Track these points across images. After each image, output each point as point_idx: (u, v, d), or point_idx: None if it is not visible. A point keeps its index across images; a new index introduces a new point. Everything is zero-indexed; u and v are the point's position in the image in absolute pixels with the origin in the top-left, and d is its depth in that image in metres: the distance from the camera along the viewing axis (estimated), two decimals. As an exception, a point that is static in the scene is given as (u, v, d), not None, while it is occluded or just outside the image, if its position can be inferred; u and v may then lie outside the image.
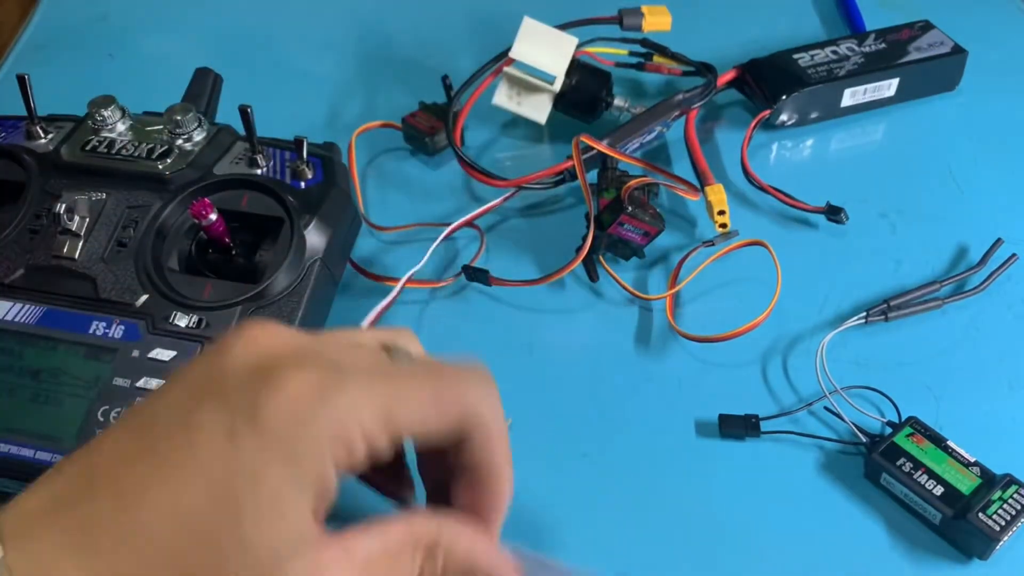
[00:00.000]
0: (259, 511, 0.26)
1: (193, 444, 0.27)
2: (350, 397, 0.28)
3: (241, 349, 0.29)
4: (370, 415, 0.28)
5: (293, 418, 0.27)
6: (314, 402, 0.27)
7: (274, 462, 0.26)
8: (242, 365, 0.28)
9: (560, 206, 0.60)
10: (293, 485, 0.26)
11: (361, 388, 0.28)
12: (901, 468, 0.43)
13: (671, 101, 0.59)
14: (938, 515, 0.42)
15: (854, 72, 0.63)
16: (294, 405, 0.27)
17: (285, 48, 0.75)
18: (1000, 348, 0.51)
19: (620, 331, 0.53)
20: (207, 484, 0.26)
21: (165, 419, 0.28)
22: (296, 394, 0.27)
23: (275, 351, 0.29)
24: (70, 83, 0.70)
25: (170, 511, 0.26)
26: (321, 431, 0.27)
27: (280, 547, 0.26)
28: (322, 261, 0.47)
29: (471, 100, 0.61)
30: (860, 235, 0.57)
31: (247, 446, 0.26)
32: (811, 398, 0.48)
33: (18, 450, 0.42)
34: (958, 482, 0.43)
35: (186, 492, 0.26)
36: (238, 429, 0.26)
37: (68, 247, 0.47)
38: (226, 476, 0.26)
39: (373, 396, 0.28)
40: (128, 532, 0.26)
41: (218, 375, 0.28)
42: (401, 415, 0.28)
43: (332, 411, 0.27)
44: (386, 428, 0.28)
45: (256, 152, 0.50)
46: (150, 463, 0.27)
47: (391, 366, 0.32)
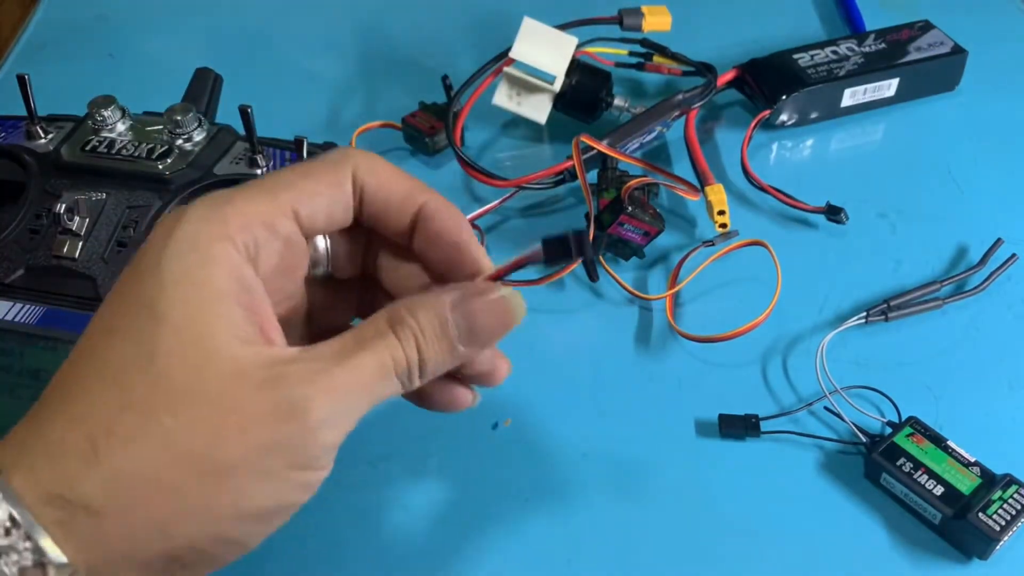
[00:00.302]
0: (164, 287, 0.27)
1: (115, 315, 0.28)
2: (220, 192, 0.29)
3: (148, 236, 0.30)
4: (250, 196, 0.28)
5: (174, 221, 0.28)
6: (189, 206, 0.28)
7: (166, 253, 0.27)
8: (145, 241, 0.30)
9: (560, 206, 0.60)
10: (191, 263, 0.27)
11: (232, 188, 0.29)
12: (901, 468, 0.43)
13: (671, 101, 0.59)
14: (938, 515, 0.42)
15: (854, 72, 0.63)
16: (173, 216, 0.28)
17: (285, 48, 0.75)
18: (1000, 348, 0.51)
19: (620, 331, 0.53)
20: (125, 335, 0.27)
21: (96, 318, 0.29)
22: (174, 212, 0.28)
23: None
24: (70, 83, 0.70)
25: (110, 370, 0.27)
26: (197, 215, 0.28)
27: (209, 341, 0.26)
28: (322, 261, 0.47)
29: (471, 100, 0.61)
30: (860, 235, 0.57)
31: (146, 259, 0.27)
32: (811, 398, 0.48)
33: (18, 450, 0.42)
34: (958, 482, 0.43)
35: (114, 352, 0.27)
36: (138, 256, 0.28)
37: (68, 247, 0.47)
38: (136, 282, 0.27)
39: (248, 186, 0.29)
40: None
41: (130, 262, 0.29)
42: (283, 192, 0.29)
43: (202, 202, 0.28)
44: (277, 206, 0.29)
45: (256, 152, 0.50)
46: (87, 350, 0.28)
47: (270, 173, 0.33)
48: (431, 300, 0.29)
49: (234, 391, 0.26)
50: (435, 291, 0.30)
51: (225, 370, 0.26)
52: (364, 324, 0.29)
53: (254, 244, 0.28)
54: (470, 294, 0.30)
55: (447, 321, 0.29)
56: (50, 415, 0.27)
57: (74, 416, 0.26)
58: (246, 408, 0.26)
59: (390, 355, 0.28)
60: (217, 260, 0.27)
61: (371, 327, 0.29)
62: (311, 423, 0.26)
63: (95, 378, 0.27)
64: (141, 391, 0.26)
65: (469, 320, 0.30)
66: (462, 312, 0.29)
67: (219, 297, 0.27)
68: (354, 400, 0.28)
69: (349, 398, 0.27)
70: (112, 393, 0.26)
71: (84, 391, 0.26)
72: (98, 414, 0.26)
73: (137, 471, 0.26)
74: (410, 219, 0.32)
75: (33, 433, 0.27)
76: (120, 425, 0.26)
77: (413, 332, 0.29)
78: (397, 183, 0.31)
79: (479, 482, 0.46)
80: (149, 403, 0.26)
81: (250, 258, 0.28)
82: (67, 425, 0.26)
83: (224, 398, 0.26)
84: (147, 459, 0.26)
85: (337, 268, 0.34)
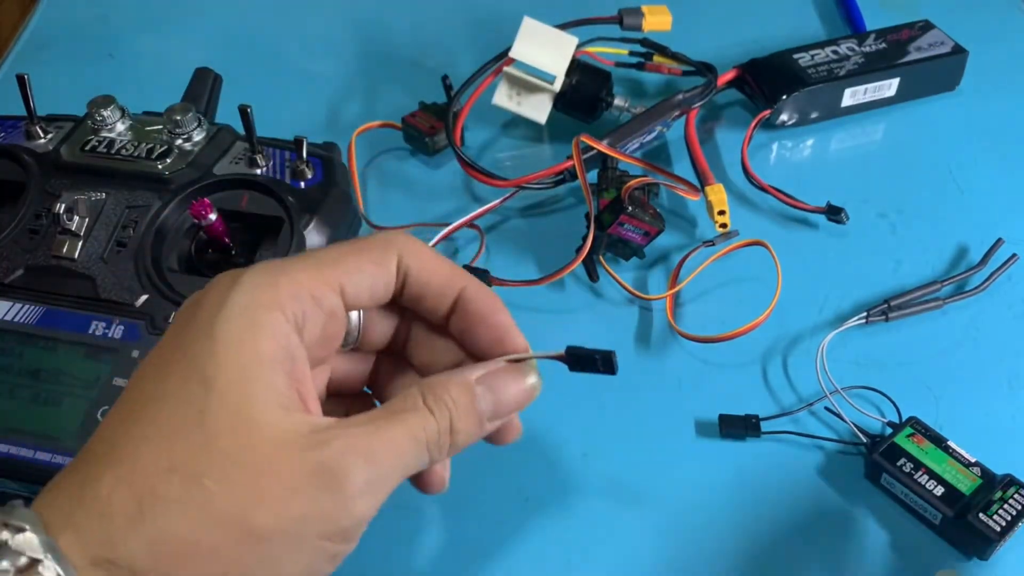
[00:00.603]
0: (214, 352, 0.28)
1: (163, 375, 0.28)
2: (273, 262, 0.30)
3: (194, 295, 0.31)
4: (301, 268, 0.30)
5: (227, 287, 0.29)
6: (240, 272, 0.29)
7: (219, 318, 0.28)
8: (191, 300, 0.31)
9: (560, 206, 0.60)
10: (241, 328, 0.28)
11: (283, 259, 0.31)
12: (901, 468, 0.43)
13: (671, 101, 0.59)
14: (938, 515, 0.42)
15: (854, 72, 0.63)
16: (224, 281, 0.29)
17: (285, 48, 0.75)
18: (1000, 348, 0.51)
19: (620, 331, 0.53)
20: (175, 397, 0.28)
21: (143, 373, 0.29)
22: (224, 277, 0.30)
23: None
24: (70, 83, 0.70)
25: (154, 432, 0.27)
26: (250, 283, 0.29)
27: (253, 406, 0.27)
28: (322, 261, 0.47)
29: (471, 100, 0.61)
30: (860, 235, 0.57)
31: (199, 324, 0.28)
32: (811, 398, 0.48)
33: (18, 450, 0.42)
34: (958, 482, 0.43)
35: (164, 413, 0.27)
36: (188, 320, 0.29)
37: (68, 247, 0.47)
38: (188, 348, 0.28)
39: (300, 259, 0.30)
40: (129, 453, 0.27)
41: (177, 319, 0.30)
42: (332, 267, 0.30)
43: (255, 270, 0.29)
44: (325, 280, 0.30)
45: (256, 152, 0.50)
46: (132, 410, 0.28)
47: (319, 247, 0.34)
48: (461, 377, 0.31)
49: (275, 458, 0.27)
50: (463, 369, 0.32)
51: (267, 437, 0.27)
52: (398, 398, 0.30)
53: (302, 314, 0.29)
54: (495, 371, 0.32)
55: (476, 396, 0.31)
56: (98, 473, 0.27)
57: (122, 476, 0.27)
58: (285, 476, 0.27)
59: (423, 428, 0.30)
60: (267, 328, 0.28)
61: (405, 401, 0.30)
62: (349, 492, 0.27)
63: (143, 439, 0.27)
64: (187, 454, 0.27)
65: (495, 394, 0.32)
66: (488, 387, 0.32)
67: (265, 364, 0.28)
68: (389, 470, 0.29)
69: (385, 468, 0.28)
70: (159, 455, 0.27)
71: (133, 452, 0.27)
72: (145, 475, 0.26)
73: (179, 534, 0.26)
74: (450, 302, 0.33)
75: (80, 490, 0.27)
76: (165, 487, 0.26)
77: (447, 406, 0.30)
78: (439, 268, 0.33)
79: (478, 482, 0.46)
80: (194, 466, 0.26)
81: (297, 327, 0.29)
82: (115, 484, 0.26)
83: (265, 465, 0.27)
84: (189, 522, 0.26)
85: (367, 341, 0.35)
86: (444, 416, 0.30)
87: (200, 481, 0.26)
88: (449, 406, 0.30)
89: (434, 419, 0.30)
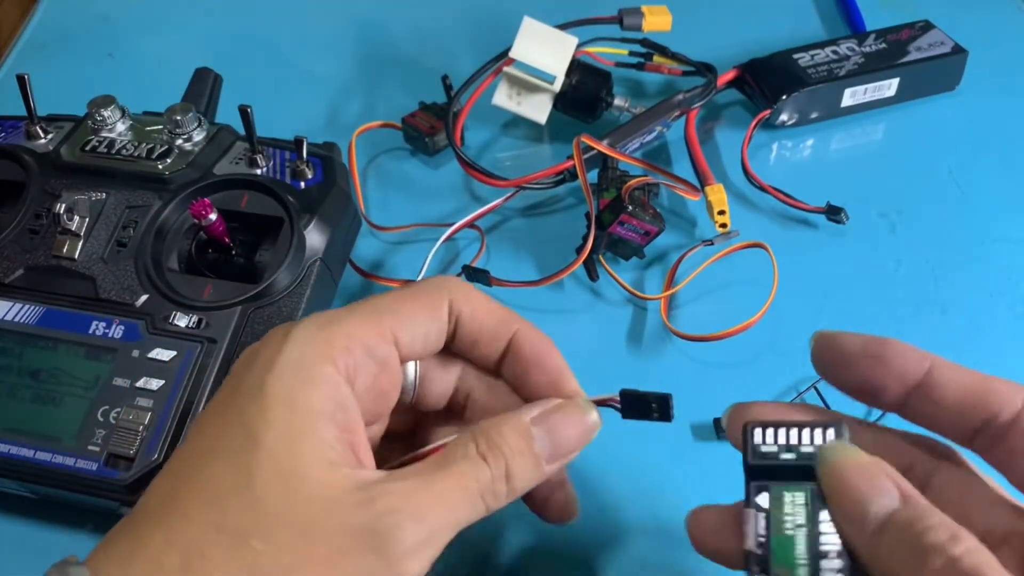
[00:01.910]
0: (265, 409, 0.28)
1: (217, 429, 0.29)
2: (324, 314, 0.30)
3: (250, 348, 0.31)
4: (353, 320, 0.30)
5: (279, 343, 0.29)
6: (292, 326, 0.30)
7: (270, 376, 0.28)
8: (247, 353, 0.31)
9: (560, 206, 0.60)
10: (292, 385, 0.28)
11: (335, 310, 0.31)
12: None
13: (671, 101, 0.59)
14: None
15: (854, 72, 0.63)
16: (276, 336, 0.30)
17: (285, 48, 0.75)
18: (1000, 348, 0.51)
19: (620, 331, 0.53)
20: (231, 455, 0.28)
21: (200, 427, 0.30)
22: (277, 331, 0.30)
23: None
24: (70, 83, 0.70)
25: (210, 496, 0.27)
26: (302, 337, 0.29)
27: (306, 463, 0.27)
28: (322, 261, 0.47)
29: (471, 100, 0.61)
30: (860, 235, 0.57)
31: (250, 380, 0.29)
32: (810, 396, 0.48)
33: (18, 450, 0.42)
34: None
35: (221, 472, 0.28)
36: (241, 375, 0.29)
37: (68, 247, 0.47)
38: (240, 405, 0.28)
39: (352, 309, 0.30)
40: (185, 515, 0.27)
41: (232, 374, 0.31)
42: (386, 317, 0.30)
43: (307, 323, 0.30)
44: (379, 330, 0.30)
45: (256, 152, 0.50)
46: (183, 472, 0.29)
47: (371, 297, 0.33)
48: (515, 419, 0.31)
49: (322, 519, 0.27)
50: (517, 410, 0.31)
51: (315, 496, 0.27)
52: (451, 447, 0.30)
53: (354, 365, 0.29)
54: (551, 410, 0.31)
55: (532, 438, 0.30)
56: (149, 531, 0.27)
57: (171, 537, 0.27)
58: (333, 538, 0.27)
59: (476, 478, 0.29)
60: (318, 381, 0.28)
61: (456, 449, 0.30)
62: (397, 553, 0.27)
63: (193, 499, 0.27)
64: (235, 514, 0.27)
65: (552, 434, 0.31)
66: (545, 427, 0.31)
67: (315, 418, 0.28)
68: (440, 526, 0.28)
69: (436, 525, 0.28)
70: (208, 515, 0.27)
71: (183, 512, 0.27)
72: (193, 535, 0.27)
73: None
74: (503, 345, 0.33)
75: (132, 548, 0.27)
76: (213, 548, 0.26)
77: (502, 451, 0.30)
78: (491, 311, 0.33)
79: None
80: (242, 527, 0.26)
81: (349, 378, 0.29)
82: (164, 545, 0.27)
83: (312, 526, 0.27)
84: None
85: (425, 402, 0.35)
86: (499, 464, 0.29)
87: (247, 542, 0.26)
88: (504, 451, 0.30)
89: (488, 468, 0.29)
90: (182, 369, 0.43)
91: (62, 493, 0.42)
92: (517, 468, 0.30)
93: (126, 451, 0.41)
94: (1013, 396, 0.28)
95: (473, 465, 0.29)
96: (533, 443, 0.30)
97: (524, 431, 0.30)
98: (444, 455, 0.29)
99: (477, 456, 0.29)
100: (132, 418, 0.42)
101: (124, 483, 0.40)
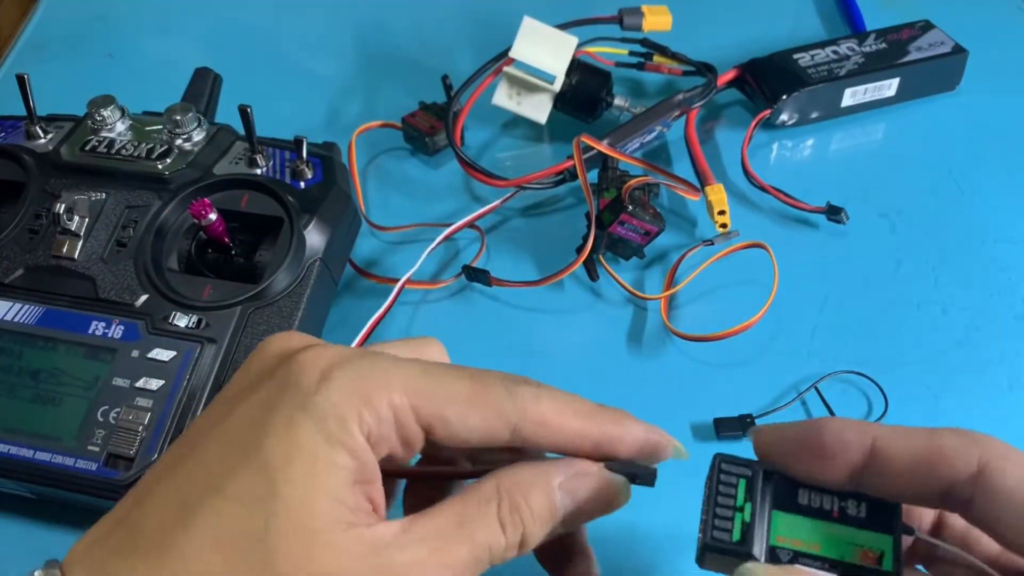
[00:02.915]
0: (290, 460, 0.26)
1: (225, 443, 0.27)
2: (376, 364, 0.27)
3: (263, 352, 0.29)
4: (399, 387, 0.27)
5: (315, 381, 0.27)
6: (335, 363, 0.27)
7: (301, 416, 0.26)
8: (269, 360, 0.29)
9: (560, 206, 0.60)
10: (321, 438, 0.26)
11: (391, 363, 0.28)
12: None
13: (671, 101, 0.59)
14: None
15: (854, 72, 0.63)
16: (314, 371, 0.27)
17: (285, 48, 0.75)
18: (1000, 348, 0.51)
19: (620, 331, 0.53)
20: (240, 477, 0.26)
21: (195, 433, 0.28)
22: (317, 361, 0.27)
23: (296, 344, 0.29)
24: (70, 83, 0.70)
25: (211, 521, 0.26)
26: (344, 387, 0.27)
27: (318, 515, 0.26)
28: (322, 261, 0.47)
29: (471, 100, 0.61)
30: (860, 235, 0.57)
31: (279, 413, 0.27)
32: (810, 395, 0.48)
33: (18, 450, 0.42)
34: None
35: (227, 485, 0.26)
36: (272, 403, 0.27)
37: (68, 247, 0.47)
38: (260, 440, 0.26)
39: (404, 373, 0.28)
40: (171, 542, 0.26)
41: (243, 381, 0.29)
42: (435, 399, 0.28)
43: (354, 369, 0.27)
44: (418, 411, 0.27)
45: (256, 152, 0.50)
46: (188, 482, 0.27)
47: (434, 364, 0.30)
48: (542, 480, 0.29)
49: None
50: (542, 467, 0.29)
51: (328, 561, 0.26)
52: (470, 498, 0.28)
53: (378, 436, 0.28)
54: (580, 473, 0.29)
55: (557, 507, 0.29)
56: (140, 567, 0.26)
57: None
58: None
59: (490, 547, 0.28)
60: (348, 436, 0.27)
61: (478, 508, 0.28)
62: None
63: (196, 538, 0.26)
64: (243, 568, 0.25)
65: (577, 503, 0.29)
66: (569, 491, 0.29)
67: (339, 474, 0.26)
68: None
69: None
70: (211, 563, 0.25)
71: (180, 551, 0.26)
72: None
73: None
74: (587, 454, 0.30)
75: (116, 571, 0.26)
76: None
77: (522, 518, 0.28)
78: (565, 428, 0.29)
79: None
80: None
81: (371, 441, 0.27)
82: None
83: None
84: None
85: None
86: (517, 532, 0.28)
87: None
88: (525, 518, 0.28)
89: (504, 536, 0.28)
90: (182, 369, 0.43)
91: (62, 493, 0.42)
92: (533, 535, 0.28)
93: (126, 451, 0.41)
94: (965, 452, 0.26)
95: (490, 532, 0.28)
96: (557, 511, 0.29)
97: (550, 498, 0.29)
98: (462, 509, 0.28)
99: (496, 521, 0.28)
100: (132, 418, 0.42)
101: (124, 483, 0.40)
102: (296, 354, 0.28)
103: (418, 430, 0.28)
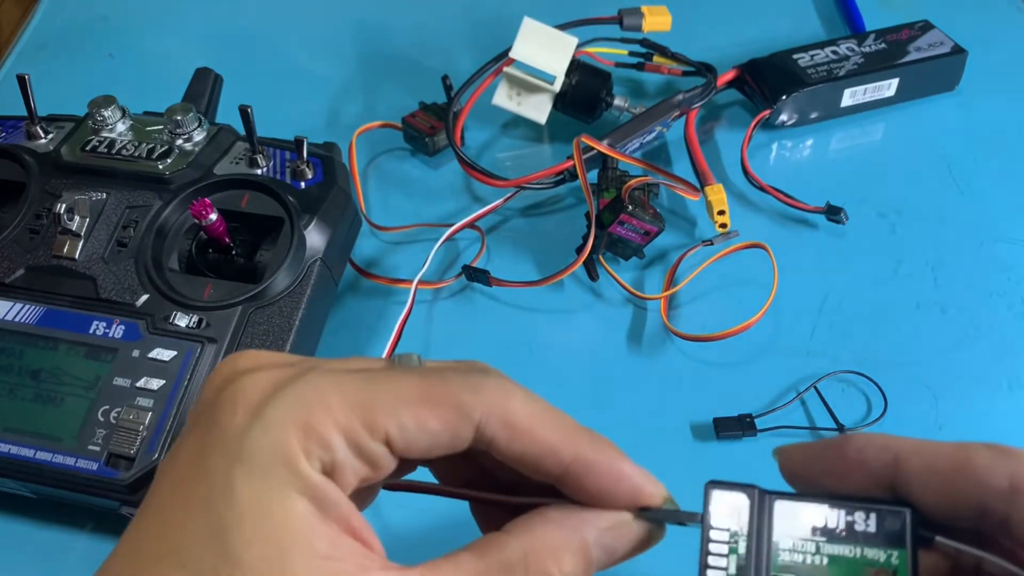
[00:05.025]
0: (242, 521, 0.23)
1: (175, 485, 0.25)
2: (310, 386, 0.24)
3: (214, 377, 0.26)
4: (341, 405, 0.24)
5: (246, 420, 0.24)
6: (269, 394, 0.24)
7: (239, 469, 0.23)
8: (216, 385, 0.26)
9: (560, 206, 0.60)
10: (268, 489, 0.23)
11: (327, 379, 0.25)
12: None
13: (671, 101, 0.59)
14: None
15: (854, 72, 0.63)
16: (245, 407, 0.24)
17: (285, 48, 0.75)
18: (1000, 348, 0.51)
19: (620, 331, 0.53)
20: (190, 522, 0.23)
21: (160, 481, 0.25)
22: (250, 394, 0.24)
23: (243, 367, 0.26)
24: (70, 83, 0.70)
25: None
26: (280, 421, 0.24)
27: (272, 549, 0.23)
28: (322, 261, 0.47)
29: (471, 100, 0.61)
30: (860, 235, 0.57)
31: (214, 464, 0.24)
32: (809, 395, 0.48)
33: (18, 450, 0.42)
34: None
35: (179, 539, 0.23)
36: (204, 450, 0.24)
37: (68, 247, 0.47)
38: (206, 499, 0.23)
39: (343, 387, 0.25)
40: None
41: (194, 413, 0.26)
42: (383, 407, 0.24)
43: (289, 398, 0.24)
44: (369, 426, 0.24)
45: (256, 152, 0.50)
46: (150, 531, 0.24)
47: (378, 370, 0.26)
48: (574, 541, 0.26)
49: None
50: (572, 523, 0.26)
51: None
52: (491, 558, 0.25)
53: (332, 463, 0.25)
54: (616, 526, 0.27)
55: (592, 560, 0.26)
56: None
57: None
58: None
59: None
60: (298, 480, 0.24)
61: (500, 569, 0.25)
62: None
63: None
64: None
65: (612, 557, 0.27)
66: (607, 549, 0.27)
67: (302, 526, 0.23)
68: None
69: None
70: None
71: None
72: None
73: None
74: (557, 473, 0.27)
75: None
76: None
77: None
78: (536, 440, 0.26)
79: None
80: None
81: (327, 472, 0.24)
82: None
83: None
84: None
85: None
86: None
87: None
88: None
89: None
90: (182, 369, 0.43)
91: (62, 493, 0.42)
92: None
93: (126, 451, 0.41)
94: (996, 467, 0.25)
95: None
96: (591, 567, 0.26)
97: (587, 558, 0.26)
98: (480, 569, 0.25)
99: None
100: (132, 418, 0.42)
101: (124, 483, 0.41)
102: (230, 384, 0.25)
103: (377, 445, 0.25)
